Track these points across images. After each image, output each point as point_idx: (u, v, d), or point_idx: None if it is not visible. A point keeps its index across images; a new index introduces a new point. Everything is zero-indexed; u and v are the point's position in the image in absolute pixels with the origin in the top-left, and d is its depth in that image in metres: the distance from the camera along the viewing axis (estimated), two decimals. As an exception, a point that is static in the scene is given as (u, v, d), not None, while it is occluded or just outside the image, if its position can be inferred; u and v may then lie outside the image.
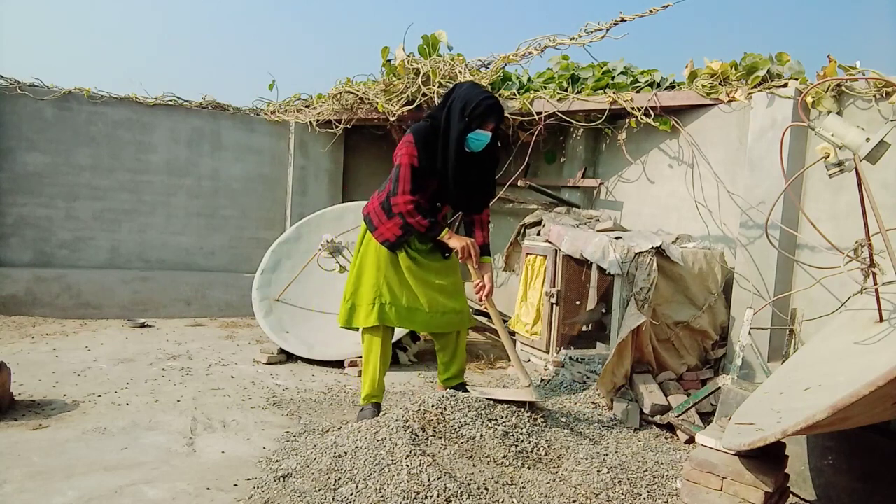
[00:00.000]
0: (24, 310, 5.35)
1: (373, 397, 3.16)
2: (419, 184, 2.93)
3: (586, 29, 4.14)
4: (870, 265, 2.42)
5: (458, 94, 2.93)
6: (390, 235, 3.05)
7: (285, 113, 6.42)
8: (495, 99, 2.92)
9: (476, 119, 2.86)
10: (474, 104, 2.85)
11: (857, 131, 2.12)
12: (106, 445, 2.75)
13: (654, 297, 3.56)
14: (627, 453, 2.84)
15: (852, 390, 1.51)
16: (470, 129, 2.88)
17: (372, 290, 3.08)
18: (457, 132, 2.88)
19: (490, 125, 2.91)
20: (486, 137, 2.92)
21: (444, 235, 2.98)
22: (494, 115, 2.89)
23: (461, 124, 2.87)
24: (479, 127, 2.88)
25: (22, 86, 5.53)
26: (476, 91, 2.93)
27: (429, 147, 2.92)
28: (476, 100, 2.85)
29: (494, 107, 2.89)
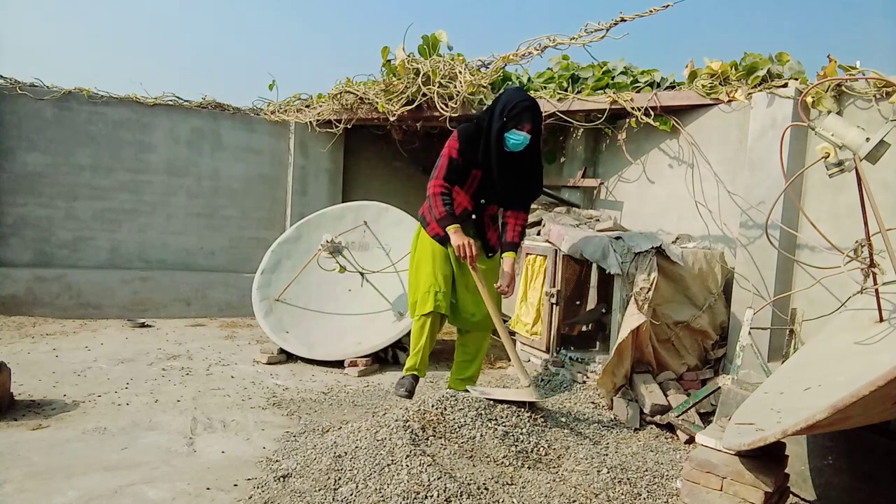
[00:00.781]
0: (24, 310, 5.36)
1: (415, 369, 3.33)
2: (459, 177, 3.17)
3: (586, 29, 4.13)
4: (870, 265, 2.42)
5: (499, 98, 3.14)
6: (435, 213, 3.18)
7: (285, 113, 6.42)
8: (532, 101, 3.06)
9: (512, 119, 3.02)
10: (512, 105, 3.02)
11: (857, 131, 2.12)
12: (106, 445, 2.75)
13: (654, 297, 3.56)
14: (627, 453, 2.84)
15: (852, 390, 1.51)
16: (506, 128, 3.04)
17: (428, 279, 3.28)
18: (495, 131, 3.06)
19: (526, 126, 3.04)
20: (521, 138, 3.06)
21: (450, 229, 3.08)
22: (529, 115, 3.03)
23: (498, 123, 3.05)
24: (514, 127, 3.03)
25: (22, 86, 5.53)
26: (516, 94, 3.11)
27: (471, 143, 3.14)
28: (514, 101, 3.03)
29: (529, 108, 3.03)
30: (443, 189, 3.12)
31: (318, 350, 4.48)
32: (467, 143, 3.13)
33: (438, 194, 3.11)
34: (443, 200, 3.10)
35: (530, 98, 3.10)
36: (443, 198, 3.11)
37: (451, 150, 3.14)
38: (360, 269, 4.79)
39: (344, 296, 4.91)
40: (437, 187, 3.12)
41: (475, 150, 3.14)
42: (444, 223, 3.09)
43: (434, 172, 3.16)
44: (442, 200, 3.10)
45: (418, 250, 3.41)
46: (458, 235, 3.07)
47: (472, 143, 3.14)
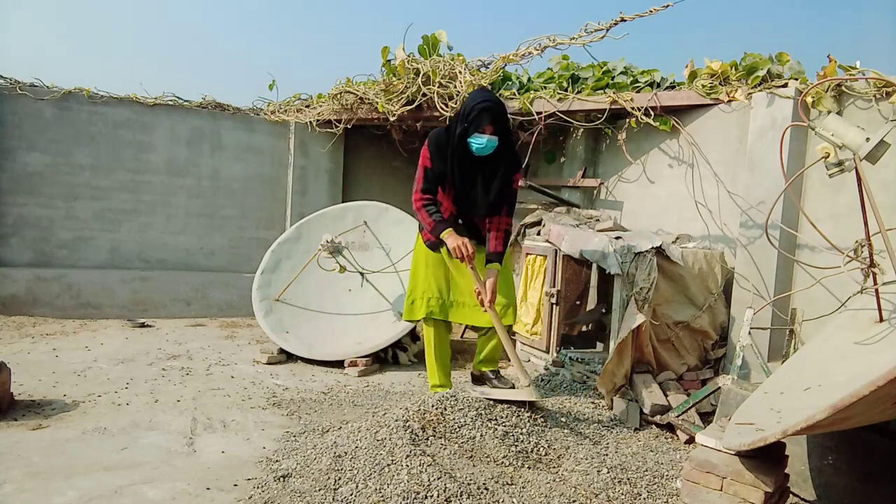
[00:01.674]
0: (24, 310, 5.35)
1: (434, 388, 3.38)
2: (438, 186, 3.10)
3: (586, 29, 4.13)
4: (870, 265, 2.42)
5: (464, 103, 3.03)
6: (425, 225, 3.17)
7: (285, 113, 6.42)
8: (489, 102, 2.92)
9: (472, 122, 2.91)
10: (470, 108, 2.91)
11: (857, 131, 2.12)
12: (106, 445, 2.75)
13: (654, 297, 3.56)
14: (627, 453, 2.84)
15: (852, 390, 1.51)
16: (467, 133, 2.93)
17: (422, 284, 3.31)
18: (457, 136, 2.96)
19: (487, 128, 2.92)
20: (484, 141, 2.94)
21: (444, 234, 3.03)
22: (487, 115, 2.90)
23: (460, 128, 2.95)
24: (476, 130, 2.92)
25: (22, 86, 5.53)
26: (476, 95, 2.98)
27: (440, 151, 3.04)
28: (472, 103, 2.91)
29: (487, 109, 2.89)
30: (424, 201, 3.08)
31: (318, 350, 4.48)
32: (437, 151, 3.05)
33: (421, 207, 3.08)
34: (427, 212, 3.06)
35: (490, 98, 2.95)
36: (426, 209, 3.07)
37: (424, 159, 3.08)
38: (360, 269, 4.79)
39: (344, 296, 4.91)
40: (419, 201, 3.10)
41: (444, 159, 3.05)
42: (436, 231, 3.05)
43: (414, 185, 3.13)
44: (427, 212, 3.06)
45: (415, 252, 3.42)
46: (452, 237, 3.01)
47: (441, 151, 3.05)
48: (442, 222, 3.05)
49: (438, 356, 3.41)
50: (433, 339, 3.38)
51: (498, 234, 3.19)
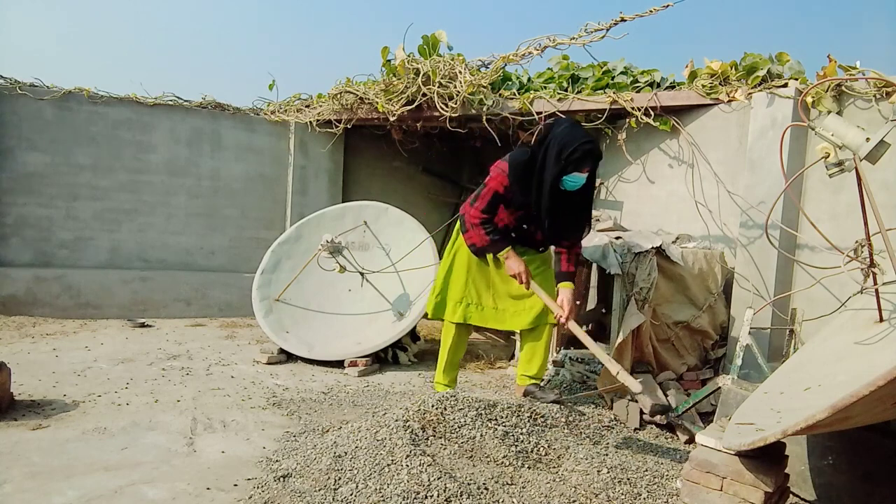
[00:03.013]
0: (24, 310, 5.36)
1: (440, 384, 3.48)
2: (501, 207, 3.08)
3: (586, 29, 4.14)
4: (870, 265, 2.42)
5: (555, 134, 2.92)
6: (478, 241, 3.17)
7: (285, 113, 6.42)
8: (593, 143, 2.90)
9: (572, 163, 2.86)
10: (572, 149, 2.84)
11: (857, 131, 2.12)
12: (106, 445, 2.75)
13: (654, 297, 3.56)
14: (627, 453, 2.84)
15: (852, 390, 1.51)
16: (566, 172, 2.89)
17: (461, 289, 3.33)
18: (552, 175, 2.90)
19: (586, 169, 2.92)
20: (581, 179, 2.94)
21: (503, 254, 3.07)
22: (591, 158, 2.90)
23: (557, 167, 2.88)
24: (575, 170, 2.89)
25: (22, 86, 5.53)
26: (574, 134, 2.89)
27: (522, 182, 2.98)
28: (574, 144, 2.84)
29: (592, 152, 2.88)
30: (482, 219, 3.07)
31: (318, 350, 4.48)
32: (518, 183, 2.99)
33: (479, 224, 3.08)
34: (485, 230, 3.07)
35: (590, 139, 2.90)
36: (484, 227, 3.07)
37: (499, 183, 3.01)
38: (360, 269, 4.79)
39: (344, 296, 4.91)
40: (477, 217, 3.07)
41: (527, 190, 2.99)
42: (494, 249, 3.08)
43: (476, 202, 3.06)
44: (484, 230, 3.07)
45: (455, 252, 3.39)
46: (515, 261, 3.06)
47: (524, 183, 2.99)
48: (501, 241, 3.08)
49: (452, 357, 3.47)
50: (453, 340, 3.43)
51: (571, 255, 3.23)
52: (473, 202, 3.10)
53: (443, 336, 3.50)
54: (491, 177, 3.04)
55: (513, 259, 3.08)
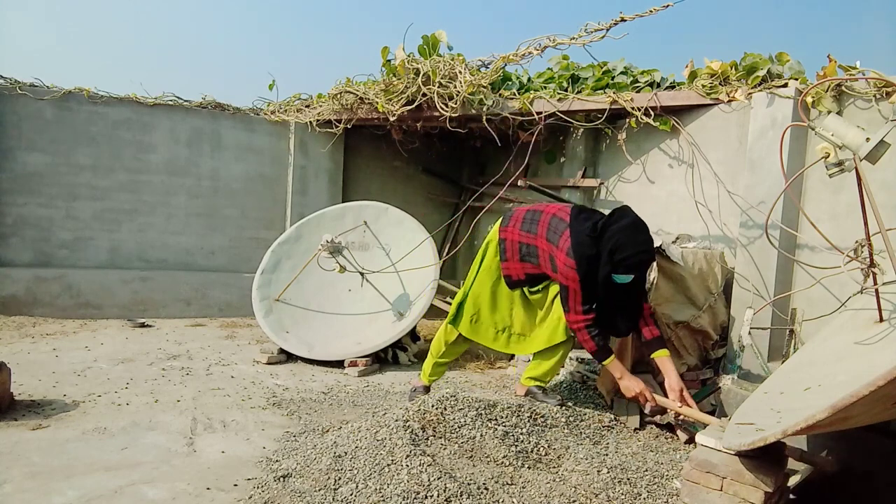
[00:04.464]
0: (24, 310, 5.35)
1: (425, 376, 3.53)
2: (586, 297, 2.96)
3: (586, 29, 4.13)
4: (870, 265, 2.42)
5: (613, 231, 2.83)
6: (513, 274, 3.17)
7: (285, 113, 6.42)
8: (650, 255, 2.86)
9: (624, 268, 2.81)
10: (626, 255, 2.78)
11: (857, 131, 2.12)
12: (106, 445, 2.75)
13: (654, 297, 3.56)
14: (627, 453, 2.84)
15: (852, 390, 1.51)
16: (616, 271, 2.84)
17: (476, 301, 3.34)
18: (604, 272, 2.86)
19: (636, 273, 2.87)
20: (630, 279, 2.88)
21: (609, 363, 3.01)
22: (643, 269, 2.88)
23: (607, 266, 2.83)
24: (625, 272, 2.83)
25: (22, 86, 5.53)
26: (633, 240, 2.81)
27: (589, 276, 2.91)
28: (629, 252, 2.78)
29: (646, 262, 2.87)
30: (588, 322, 2.97)
31: (318, 350, 4.48)
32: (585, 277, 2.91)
33: (583, 328, 2.97)
34: (590, 333, 2.97)
35: (649, 248, 2.84)
36: (589, 331, 2.97)
37: (573, 282, 2.92)
38: (360, 269, 4.79)
39: (344, 296, 4.91)
40: (582, 322, 2.96)
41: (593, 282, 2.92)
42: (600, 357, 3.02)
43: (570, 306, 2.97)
44: (589, 333, 2.97)
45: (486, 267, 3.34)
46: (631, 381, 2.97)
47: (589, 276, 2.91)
48: (605, 349, 3.00)
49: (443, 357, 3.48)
50: (447, 345, 3.44)
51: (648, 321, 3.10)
52: (567, 309, 3.00)
53: (437, 334, 3.50)
54: (567, 277, 2.94)
55: (627, 378, 2.99)
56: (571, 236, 2.92)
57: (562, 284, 2.99)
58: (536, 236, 3.10)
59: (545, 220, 3.10)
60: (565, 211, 3.10)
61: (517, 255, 3.18)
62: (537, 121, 4.78)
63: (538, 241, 3.09)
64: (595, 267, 2.88)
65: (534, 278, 3.21)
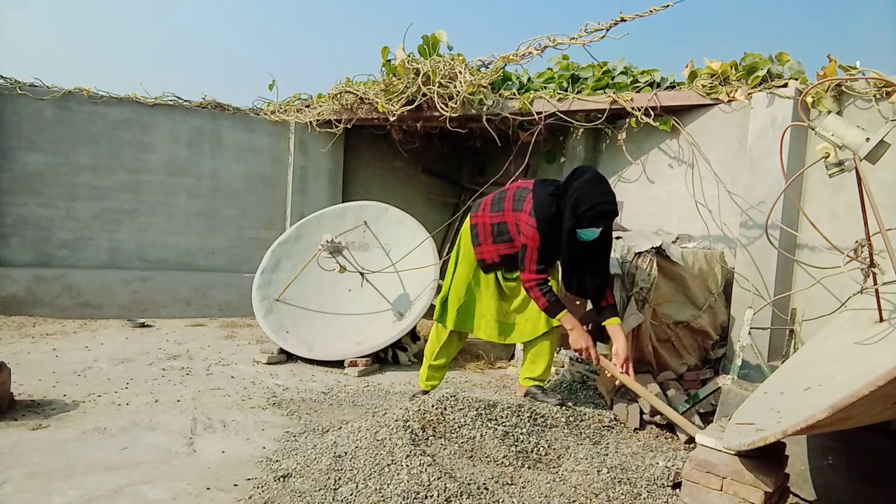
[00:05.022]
0: (24, 310, 5.36)
1: (423, 381, 3.51)
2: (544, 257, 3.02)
3: (586, 29, 4.13)
4: (870, 265, 2.42)
5: (574, 186, 2.89)
6: (487, 257, 3.18)
7: (285, 113, 6.42)
8: (612, 205, 2.89)
9: (587, 220, 2.86)
10: (588, 206, 2.83)
11: (857, 131, 2.12)
12: (106, 445, 2.75)
13: (654, 297, 3.56)
14: (627, 453, 2.84)
15: (852, 390, 1.51)
16: (580, 226, 2.90)
17: (459, 293, 3.32)
18: (567, 227, 2.91)
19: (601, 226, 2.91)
20: (595, 234, 2.93)
21: (561, 317, 3.04)
22: (606, 220, 2.89)
23: (571, 221, 2.89)
24: (590, 226, 2.89)
25: (22, 86, 5.53)
26: (594, 191, 2.86)
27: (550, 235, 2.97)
28: (590, 203, 2.83)
29: (607, 213, 2.88)
30: (539, 281, 3.02)
31: (318, 350, 4.48)
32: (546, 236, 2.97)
33: (535, 286, 3.03)
34: (541, 290, 3.03)
35: (610, 199, 2.88)
36: (540, 288, 3.03)
37: (534, 241, 2.98)
38: (360, 269, 4.79)
39: (344, 296, 4.91)
40: (533, 281, 3.02)
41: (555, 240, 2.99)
42: (552, 312, 3.05)
43: (524, 264, 3.02)
44: (541, 290, 3.03)
45: (462, 259, 3.37)
46: (579, 334, 3.02)
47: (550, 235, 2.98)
48: (557, 303, 3.04)
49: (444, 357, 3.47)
50: (443, 342, 3.43)
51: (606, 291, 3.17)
52: (521, 268, 3.04)
53: (430, 337, 3.50)
54: (527, 235, 3.00)
55: (576, 332, 3.03)
56: (534, 198, 3.01)
57: (522, 245, 3.04)
58: (504, 212, 3.15)
59: (510, 195, 3.17)
60: (528, 183, 3.17)
61: (490, 238, 3.20)
62: (537, 121, 4.78)
63: (506, 216, 3.15)
64: (558, 225, 2.95)
65: (508, 260, 3.22)
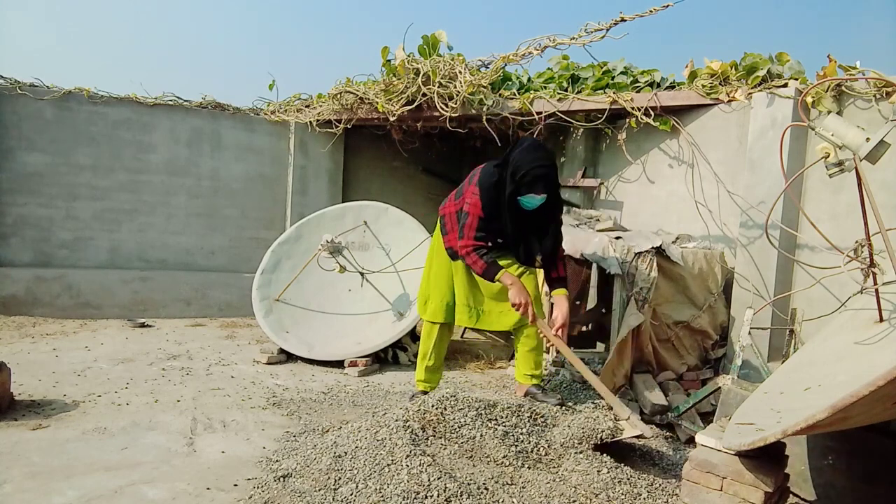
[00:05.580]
0: (24, 310, 5.35)
1: (420, 383, 3.47)
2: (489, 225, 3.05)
3: (586, 29, 4.13)
4: (870, 265, 2.42)
5: (513, 155, 2.96)
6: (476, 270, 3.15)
7: (285, 113, 6.42)
8: (546, 168, 2.90)
9: (525, 185, 2.90)
10: (523, 172, 2.88)
11: (857, 131, 2.12)
12: (106, 445, 2.75)
13: (654, 297, 3.56)
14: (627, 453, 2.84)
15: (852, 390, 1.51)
16: (519, 193, 2.94)
17: (441, 289, 3.34)
18: (508, 194, 2.96)
19: (540, 192, 2.93)
20: (538, 200, 2.95)
21: (500, 277, 3.03)
22: (542, 184, 2.91)
23: (511, 187, 2.94)
24: (529, 192, 2.92)
25: (22, 86, 5.53)
26: (530, 157, 2.91)
27: (493, 203, 3.03)
28: (525, 168, 2.88)
29: (542, 177, 2.89)
30: (475, 246, 3.05)
31: (318, 350, 4.48)
32: (489, 203, 3.02)
33: (472, 251, 3.05)
34: (478, 254, 3.04)
35: (544, 161, 2.91)
36: (477, 252, 3.04)
37: (476, 208, 3.03)
38: (360, 269, 4.79)
39: (344, 296, 4.91)
40: (469, 247, 3.05)
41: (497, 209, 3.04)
42: (489, 274, 3.03)
43: (463, 232, 3.06)
44: (478, 254, 3.04)
45: (436, 252, 3.41)
46: (518, 291, 3.00)
47: (493, 203, 3.03)
48: (494, 265, 3.03)
49: (435, 356, 3.45)
50: (435, 338, 3.42)
51: (557, 263, 3.20)
52: (461, 235, 3.08)
53: (423, 336, 3.49)
54: (470, 203, 3.06)
55: (515, 288, 3.02)
56: (480, 172, 3.10)
57: (465, 213, 3.08)
58: (463, 195, 3.19)
59: (466, 180, 3.23)
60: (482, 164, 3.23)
61: (456, 225, 3.22)
62: (537, 121, 4.78)
63: (465, 198, 3.17)
64: (501, 194, 2.99)
65: None
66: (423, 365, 3.48)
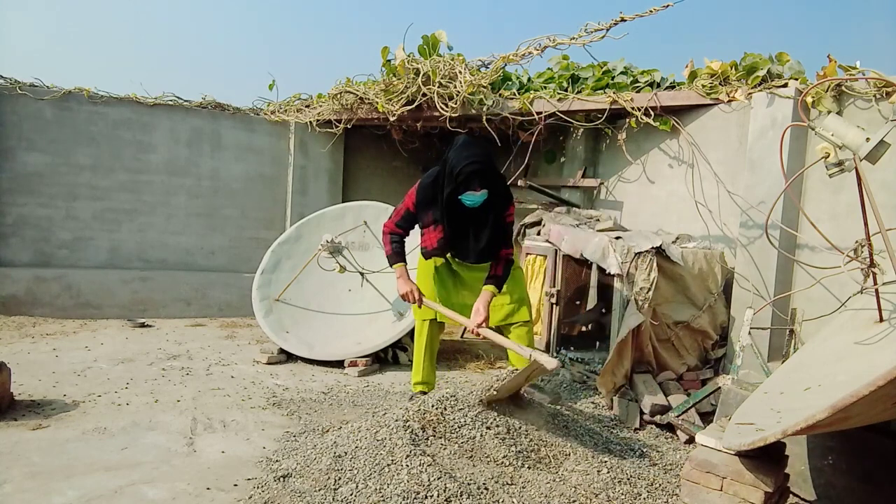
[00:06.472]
0: (24, 310, 5.35)
1: (417, 384, 3.46)
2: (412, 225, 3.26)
3: (586, 29, 4.13)
4: (870, 265, 2.42)
5: (450, 155, 3.01)
6: (428, 245, 3.24)
7: (285, 113, 6.41)
8: (477, 163, 2.87)
9: (462, 183, 2.91)
10: (458, 170, 2.88)
11: (857, 131, 2.12)
12: (106, 445, 2.75)
13: (654, 297, 3.56)
14: (627, 453, 2.84)
15: (852, 390, 1.51)
16: (458, 191, 2.94)
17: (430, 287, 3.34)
18: (448, 193, 2.99)
19: (478, 188, 2.91)
20: (476, 197, 2.94)
21: (395, 268, 3.20)
22: (476, 179, 2.89)
23: (450, 187, 2.96)
24: (467, 190, 2.92)
25: (22, 86, 5.53)
26: (462, 154, 2.92)
27: (428, 201, 3.13)
28: (459, 164, 2.88)
29: (476, 173, 2.87)
30: (391, 231, 3.23)
31: (318, 350, 4.48)
32: (424, 201, 3.12)
33: (388, 233, 3.25)
34: (390, 239, 3.23)
35: (476, 157, 2.88)
36: (391, 236, 3.23)
37: (409, 200, 3.19)
38: (360, 269, 4.79)
39: (344, 296, 4.91)
40: (387, 230, 3.26)
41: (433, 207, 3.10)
42: (390, 261, 3.23)
43: (391, 216, 3.27)
44: (390, 239, 3.23)
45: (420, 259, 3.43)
46: (403, 282, 3.18)
47: (429, 201, 3.11)
48: (397, 254, 3.22)
49: (428, 354, 3.44)
50: (426, 338, 3.41)
51: (498, 262, 3.19)
52: (391, 217, 3.26)
53: (416, 336, 3.48)
54: (406, 195, 3.21)
55: (402, 280, 3.18)
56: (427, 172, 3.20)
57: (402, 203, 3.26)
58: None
59: None
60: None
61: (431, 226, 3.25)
62: (537, 121, 4.78)
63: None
64: (439, 192, 3.06)
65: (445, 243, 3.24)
66: (418, 366, 3.45)
